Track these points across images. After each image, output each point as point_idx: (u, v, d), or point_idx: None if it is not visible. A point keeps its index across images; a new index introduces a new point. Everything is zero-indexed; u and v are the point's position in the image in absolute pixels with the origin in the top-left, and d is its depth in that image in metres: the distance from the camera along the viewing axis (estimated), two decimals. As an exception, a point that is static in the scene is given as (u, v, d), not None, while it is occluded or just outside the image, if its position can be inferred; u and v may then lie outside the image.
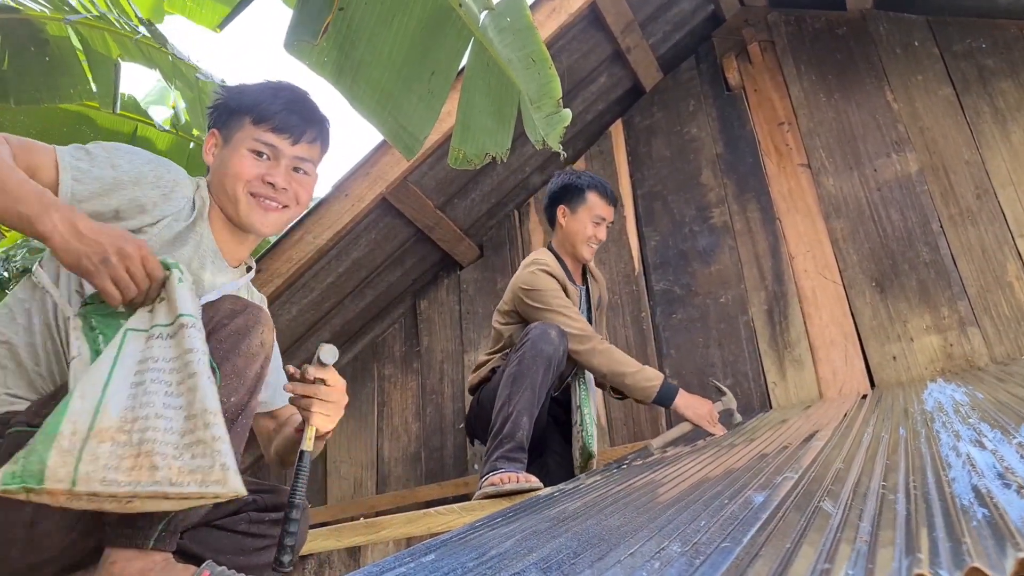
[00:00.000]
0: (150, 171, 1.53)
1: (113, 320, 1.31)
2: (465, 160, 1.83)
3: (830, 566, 0.82)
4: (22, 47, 3.07)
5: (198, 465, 1.22)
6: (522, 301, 3.01)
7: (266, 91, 1.70)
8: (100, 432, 1.20)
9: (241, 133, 1.67)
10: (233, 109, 1.69)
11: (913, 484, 1.23)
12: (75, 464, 1.17)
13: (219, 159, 1.69)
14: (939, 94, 3.62)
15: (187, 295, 1.35)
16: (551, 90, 1.79)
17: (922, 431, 1.87)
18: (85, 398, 1.22)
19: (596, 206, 3.15)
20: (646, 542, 1.16)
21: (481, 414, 3.00)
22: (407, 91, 1.71)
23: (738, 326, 3.65)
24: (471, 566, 1.24)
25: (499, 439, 2.66)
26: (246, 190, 1.64)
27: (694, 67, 4.27)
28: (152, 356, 1.29)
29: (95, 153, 1.50)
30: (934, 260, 3.38)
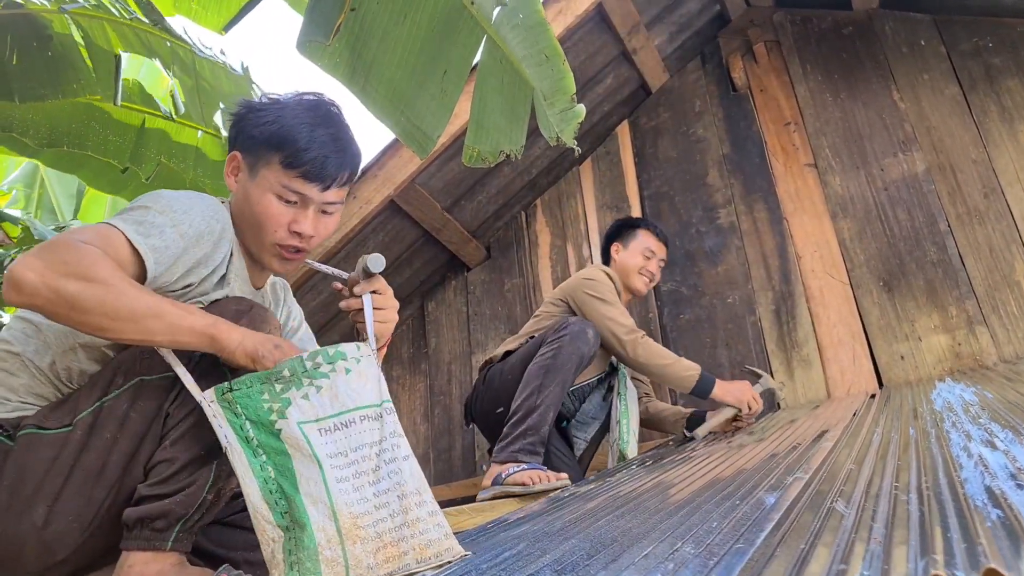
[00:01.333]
0: (204, 227, 1.48)
1: (255, 402, 1.32)
2: (479, 158, 1.84)
3: (845, 567, 0.83)
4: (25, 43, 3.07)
5: (429, 540, 1.31)
6: (581, 291, 3.05)
7: (300, 126, 1.55)
8: (348, 533, 1.25)
9: (268, 172, 1.55)
10: (261, 140, 1.56)
11: (926, 484, 1.23)
12: (345, 572, 1.22)
13: (243, 191, 1.59)
14: (946, 93, 3.62)
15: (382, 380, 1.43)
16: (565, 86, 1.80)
17: (932, 431, 1.87)
18: (317, 503, 1.26)
19: (647, 240, 3.27)
20: (659, 543, 1.17)
21: (486, 394, 3.02)
22: (420, 90, 1.71)
23: (745, 326, 3.65)
24: (484, 568, 1.25)
25: (523, 429, 2.64)
26: (272, 240, 1.57)
27: (700, 67, 4.27)
28: (356, 444, 1.32)
29: (158, 222, 1.43)
30: (942, 259, 3.38)
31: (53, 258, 1.26)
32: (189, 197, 1.52)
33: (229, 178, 1.63)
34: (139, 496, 1.38)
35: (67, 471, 1.37)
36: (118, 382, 1.41)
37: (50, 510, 1.36)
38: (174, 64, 3.41)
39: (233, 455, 1.28)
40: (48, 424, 1.39)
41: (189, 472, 1.38)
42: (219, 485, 1.41)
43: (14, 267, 1.25)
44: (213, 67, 3.54)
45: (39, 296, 1.25)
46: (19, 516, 1.35)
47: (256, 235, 1.58)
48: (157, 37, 3.33)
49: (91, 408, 1.40)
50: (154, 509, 1.36)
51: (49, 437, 1.38)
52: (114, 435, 1.39)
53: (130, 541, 1.36)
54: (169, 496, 1.37)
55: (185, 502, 1.37)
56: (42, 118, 3.47)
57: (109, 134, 3.62)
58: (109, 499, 1.39)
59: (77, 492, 1.37)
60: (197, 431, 1.38)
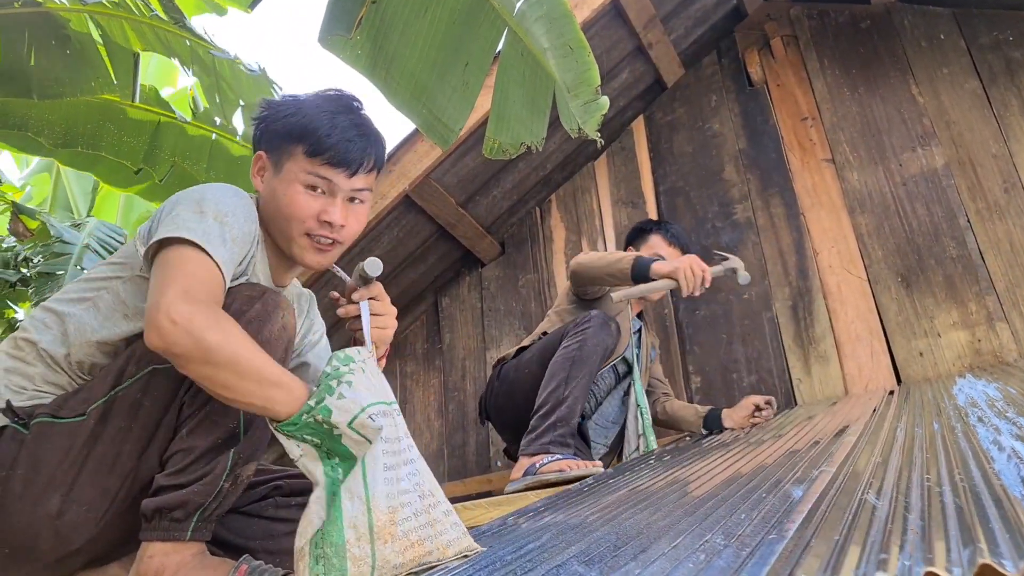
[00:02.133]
0: (247, 229, 1.48)
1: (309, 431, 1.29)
2: (500, 150, 1.83)
3: (886, 556, 0.81)
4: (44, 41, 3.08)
5: (449, 540, 1.31)
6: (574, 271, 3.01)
7: (321, 115, 1.55)
8: (381, 532, 1.24)
9: (293, 164, 1.55)
10: (283, 134, 1.56)
11: (959, 477, 1.21)
12: (371, 571, 1.21)
13: (269, 188, 1.58)
14: (965, 87, 3.58)
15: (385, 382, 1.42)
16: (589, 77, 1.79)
17: (957, 425, 1.85)
18: (354, 498, 1.24)
19: (657, 245, 3.20)
20: (687, 535, 1.16)
21: (502, 391, 2.98)
22: (441, 83, 1.71)
23: (762, 322, 3.62)
24: (508, 559, 1.24)
25: (552, 421, 2.61)
26: (301, 231, 1.56)
27: (716, 62, 4.25)
28: (385, 436, 1.31)
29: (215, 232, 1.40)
30: (961, 255, 3.34)
31: (191, 311, 1.25)
32: (229, 198, 1.49)
33: (255, 179, 1.62)
34: (157, 486, 1.37)
35: (81, 460, 1.37)
36: (131, 371, 1.41)
37: (64, 499, 1.36)
38: (194, 63, 3.42)
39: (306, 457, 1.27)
40: (62, 413, 1.39)
41: (206, 460, 1.37)
42: (236, 472, 1.41)
43: (153, 312, 1.25)
44: (232, 66, 3.55)
45: (182, 343, 1.24)
46: (33, 505, 1.35)
47: (286, 229, 1.56)
48: (176, 36, 3.34)
49: (105, 397, 1.40)
50: (172, 499, 1.35)
51: (63, 426, 1.38)
52: (128, 424, 1.39)
53: (149, 532, 1.35)
54: (187, 485, 1.36)
55: (203, 491, 1.37)
56: (57, 118, 3.48)
57: (124, 135, 3.63)
58: (124, 489, 1.39)
59: (91, 482, 1.37)
60: (213, 419, 1.38)
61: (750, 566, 0.87)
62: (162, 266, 1.34)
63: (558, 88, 1.85)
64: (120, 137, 3.63)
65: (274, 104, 1.63)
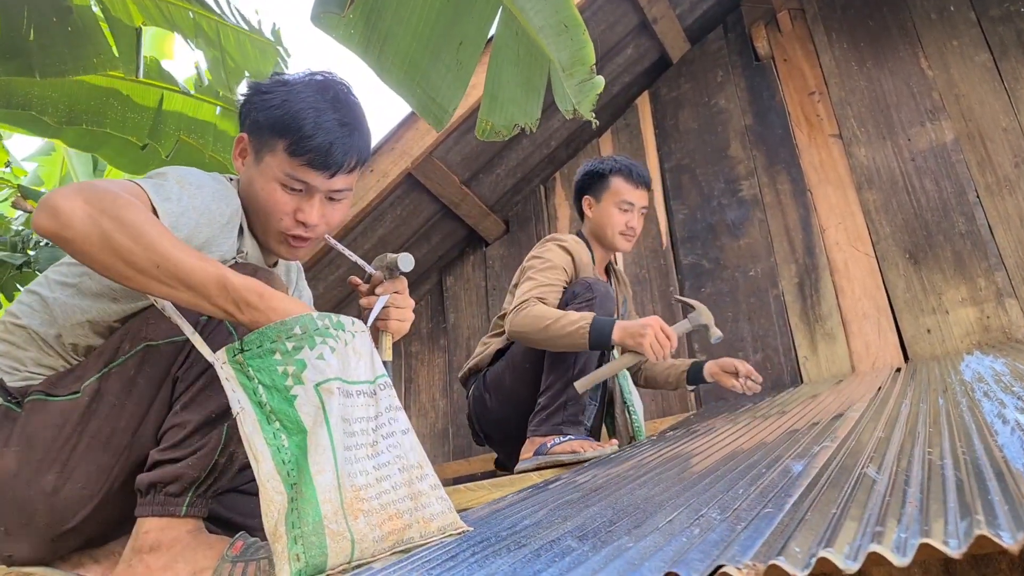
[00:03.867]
0: (215, 207, 1.44)
1: (268, 365, 1.24)
2: (493, 131, 1.80)
3: (882, 529, 0.79)
4: (45, 18, 3.05)
5: (433, 514, 1.28)
6: (525, 272, 2.74)
7: (307, 111, 1.50)
8: (350, 507, 1.20)
9: (272, 158, 1.52)
10: (267, 125, 1.52)
11: (961, 450, 1.19)
12: (351, 546, 1.18)
13: (248, 176, 1.57)
14: (976, 60, 3.52)
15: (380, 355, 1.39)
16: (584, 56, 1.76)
17: (963, 400, 1.82)
18: (324, 472, 1.21)
19: (621, 191, 2.86)
20: (683, 510, 1.14)
21: (496, 401, 2.76)
22: (435, 62, 1.68)
23: (768, 300, 3.59)
24: (504, 535, 1.22)
25: (563, 401, 2.52)
26: (277, 228, 1.55)
27: (722, 37, 4.19)
28: (353, 416, 1.27)
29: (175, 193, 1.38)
30: (970, 230, 3.30)
31: (92, 195, 1.21)
32: (200, 175, 1.48)
33: (236, 160, 1.59)
34: (152, 461, 1.37)
35: (75, 437, 1.37)
36: (125, 348, 1.41)
37: (59, 476, 1.35)
38: (198, 37, 3.38)
39: (245, 420, 1.22)
40: (56, 391, 1.38)
41: (200, 435, 1.36)
42: (231, 448, 1.39)
43: (52, 195, 1.20)
44: (239, 36, 3.50)
45: (73, 227, 1.18)
46: (28, 483, 1.35)
47: (262, 222, 1.57)
48: (179, 8, 3.30)
49: (98, 374, 1.39)
50: (166, 473, 1.35)
51: (57, 404, 1.37)
52: (121, 401, 1.38)
53: (144, 507, 1.35)
54: (180, 460, 1.35)
55: (197, 464, 1.36)
56: (61, 95, 3.45)
57: (128, 111, 3.61)
58: (119, 465, 1.39)
59: (85, 458, 1.37)
60: (207, 394, 1.37)
61: (743, 539, 0.85)
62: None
63: (553, 68, 1.82)
64: (124, 114, 3.61)
65: (261, 89, 1.58)
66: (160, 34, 5.64)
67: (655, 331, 2.38)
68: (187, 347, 1.38)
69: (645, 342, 2.37)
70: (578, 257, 2.77)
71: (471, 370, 2.91)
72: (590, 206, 2.93)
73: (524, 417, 2.63)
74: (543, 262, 2.71)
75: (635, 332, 2.39)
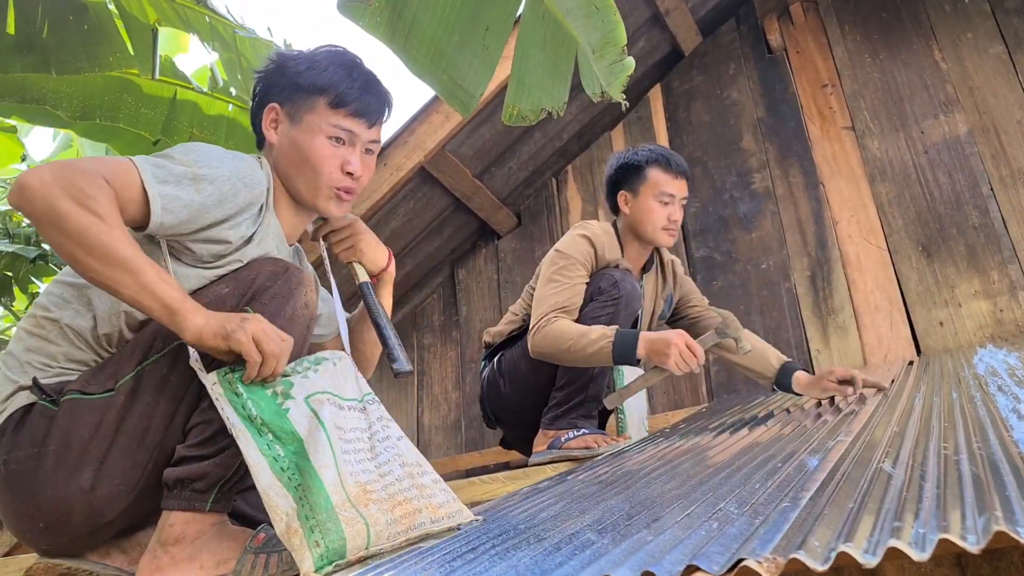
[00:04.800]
0: (230, 188, 1.46)
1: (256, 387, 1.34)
2: (520, 116, 1.81)
3: (900, 524, 0.81)
4: (61, 16, 3.07)
5: (440, 502, 1.34)
6: (547, 267, 2.64)
7: (338, 69, 1.61)
8: (357, 499, 1.26)
9: (314, 116, 1.59)
10: (301, 86, 1.60)
11: (976, 445, 1.20)
12: (366, 530, 1.22)
13: (288, 140, 1.61)
14: (990, 52, 3.51)
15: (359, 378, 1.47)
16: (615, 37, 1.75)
17: (977, 395, 1.83)
18: (327, 468, 1.27)
19: (660, 182, 2.68)
20: (701, 504, 1.15)
21: (503, 390, 2.73)
22: (461, 48, 1.69)
23: (780, 293, 3.60)
24: (522, 527, 1.24)
25: (581, 399, 2.51)
26: (329, 182, 1.60)
27: (734, 29, 4.18)
28: (347, 426, 1.35)
29: (179, 172, 1.42)
30: (984, 223, 3.30)
31: (62, 175, 1.27)
32: (222, 155, 1.50)
33: (269, 131, 1.64)
34: (179, 457, 1.39)
35: (112, 435, 1.38)
36: (158, 346, 1.42)
37: (96, 474, 1.37)
38: (214, 40, 3.40)
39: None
40: (90, 389, 1.40)
41: (226, 434, 1.38)
42: None
43: (26, 172, 1.26)
44: (254, 43, 3.53)
45: (34, 204, 1.25)
46: (66, 480, 1.37)
47: (310, 180, 1.61)
48: (195, 12, 3.32)
49: (132, 373, 1.41)
50: (193, 470, 1.37)
51: (92, 402, 1.39)
52: (155, 399, 1.40)
53: (171, 501, 1.37)
54: (209, 458, 1.38)
55: (224, 463, 1.38)
56: (75, 91, 3.47)
57: (141, 107, 3.63)
58: (152, 461, 1.41)
59: (122, 455, 1.39)
60: None
61: (762, 533, 0.87)
62: None
63: (581, 51, 1.81)
64: (138, 109, 3.63)
65: (286, 57, 1.66)
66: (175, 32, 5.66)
67: (679, 348, 2.26)
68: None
69: (670, 361, 2.26)
70: (601, 250, 2.65)
71: (487, 344, 2.88)
72: (626, 201, 2.76)
73: (537, 404, 2.62)
74: (565, 259, 2.61)
75: (659, 350, 2.28)
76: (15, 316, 6.27)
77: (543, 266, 2.68)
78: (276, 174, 1.63)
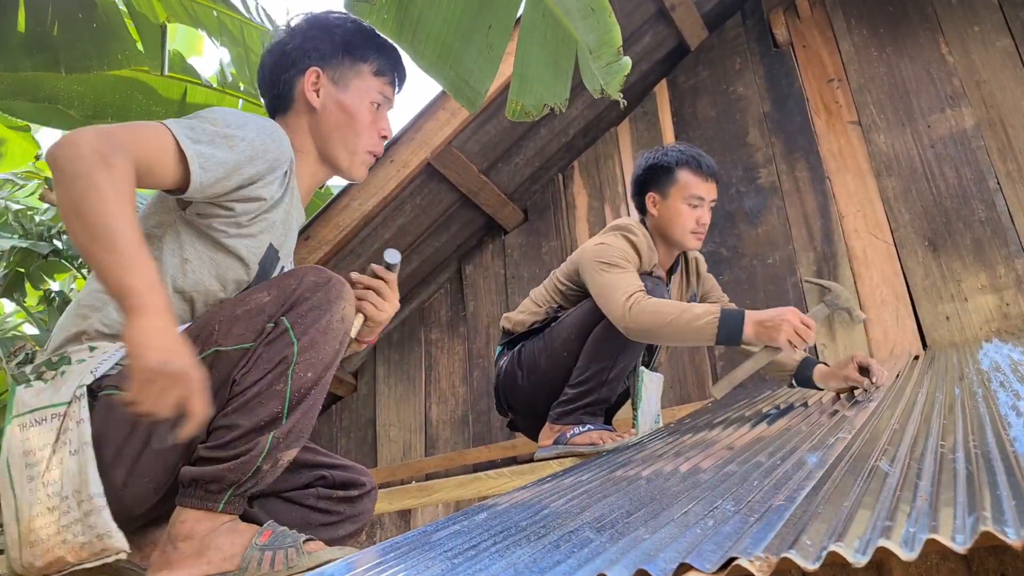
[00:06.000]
0: (260, 144, 1.49)
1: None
2: (523, 112, 1.83)
3: (891, 524, 0.82)
4: (70, 14, 3.09)
5: (83, 543, 1.34)
6: (591, 261, 2.56)
7: (370, 38, 1.71)
8: (26, 535, 1.34)
9: (360, 82, 1.69)
10: (344, 52, 1.68)
11: (973, 443, 1.21)
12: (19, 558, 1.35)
13: (333, 102, 1.67)
14: (997, 45, 3.50)
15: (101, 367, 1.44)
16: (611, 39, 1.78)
17: (979, 391, 1.83)
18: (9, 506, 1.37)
19: (690, 185, 2.67)
20: (698, 502, 1.17)
21: (519, 382, 2.70)
22: (467, 45, 1.73)
23: (786, 287, 3.60)
24: (524, 524, 1.26)
25: (591, 400, 2.51)
26: (367, 147, 1.70)
27: (740, 24, 4.17)
28: (31, 448, 1.37)
29: (210, 131, 1.44)
30: (990, 218, 3.29)
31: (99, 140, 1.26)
32: (245, 115, 1.54)
33: (310, 93, 1.67)
34: (197, 456, 1.41)
35: (147, 436, 1.40)
36: (196, 348, 1.43)
37: (129, 472, 1.39)
38: (222, 35, 3.42)
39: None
40: (127, 386, 1.41)
41: (247, 440, 1.39)
42: (275, 456, 1.42)
43: (79, 130, 1.27)
44: (263, 36, 3.55)
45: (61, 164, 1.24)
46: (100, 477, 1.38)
47: (351, 143, 1.68)
48: (203, 7, 3.34)
49: None
50: (208, 472, 1.38)
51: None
52: None
53: (184, 498, 1.39)
54: (225, 461, 1.39)
55: (239, 468, 1.39)
56: (87, 89, 3.50)
57: (152, 105, 3.65)
58: (182, 460, 1.43)
59: (155, 456, 1.40)
60: (259, 401, 1.40)
61: (755, 531, 0.88)
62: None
63: (580, 49, 1.84)
64: (149, 107, 3.65)
65: (322, 20, 1.72)
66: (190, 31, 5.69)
67: (792, 324, 2.17)
68: (251, 353, 1.42)
69: (781, 336, 2.17)
70: (643, 255, 2.62)
71: (506, 331, 2.85)
72: (655, 203, 2.72)
73: (551, 398, 2.62)
74: (617, 251, 2.55)
75: (770, 325, 2.19)
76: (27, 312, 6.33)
77: (589, 255, 2.60)
78: (311, 136, 1.69)
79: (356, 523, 1.76)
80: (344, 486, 1.75)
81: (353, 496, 1.75)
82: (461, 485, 2.53)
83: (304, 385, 1.44)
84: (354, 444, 4.39)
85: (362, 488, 1.76)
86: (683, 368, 3.66)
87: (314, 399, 1.47)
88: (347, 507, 1.74)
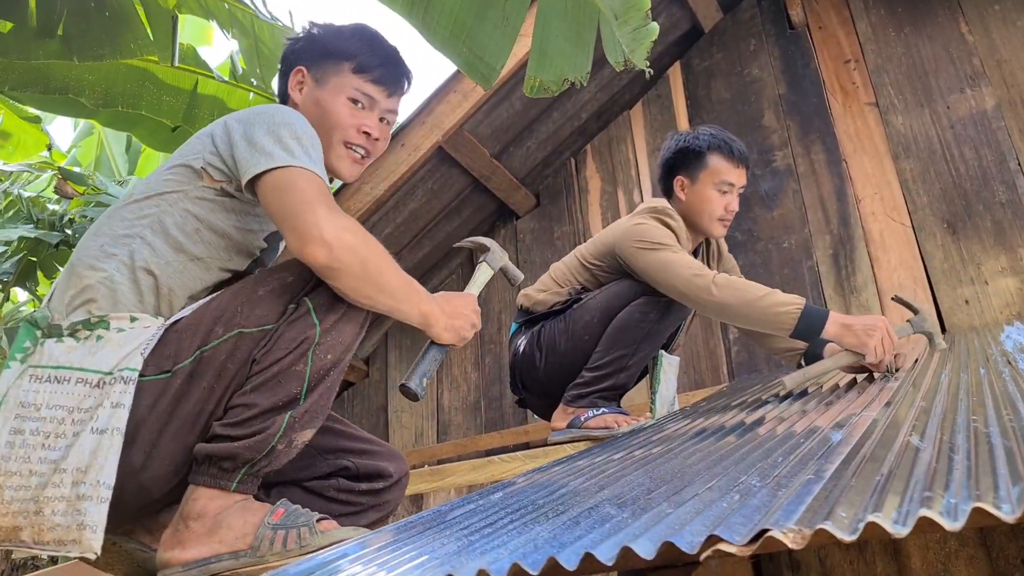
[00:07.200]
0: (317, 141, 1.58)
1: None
2: (542, 88, 1.79)
3: (930, 494, 0.78)
4: (83, 3, 3.08)
5: (56, 523, 1.28)
6: (630, 243, 2.50)
7: (363, 40, 1.72)
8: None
9: (339, 79, 1.70)
10: (329, 52, 1.71)
11: (1008, 418, 1.17)
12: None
13: (311, 99, 1.71)
14: (1019, 24, 3.43)
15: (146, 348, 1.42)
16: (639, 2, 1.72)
17: (1006, 370, 1.79)
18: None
19: (721, 170, 2.62)
20: (722, 477, 1.14)
21: (537, 364, 2.65)
22: (481, 19, 1.69)
23: (802, 271, 3.55)
24: (541, 502, 1.23)
25: (608, 384, 2.48)
26: (342, 139, 1.69)
27: (755, 5, 4.11)
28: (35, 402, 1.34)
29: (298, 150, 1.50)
30: (1011, 200, 3.23)
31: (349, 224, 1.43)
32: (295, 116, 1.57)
33: (294, 91, 1.73)
34: (212, 433, 1.40)
35: (166, 418, 1.39)
36: (218, 332, 1.43)
37: (148, 455, 1.38)
38: (233, 27, 3.40)
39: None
40: (147, 371, 1.39)
41: (263, 419, 1.40)
42: (291, 436, 1.43)
43: (327, 227, 1.39)
44: (273, 30, 3.54)
45: (344, 260, 1.40)
46: (121, 465, 1.36)
47: (326, 138, 1.67)
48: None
49: (191, 358, 1.41)
50: (224, 449, 1.38)
51: (148, 384, 1.39)
52: (211, 384, 1.41)
53: (198, 476, 1.39)
54: (240, 439, 1.39)
55: (254, 447, 1.39)
56: (98, 79, 3.50)
57: (163, 95, 3.65)
58: (200, 442, 1.42)
59: (173, 438, 1.40)
60: (277, 381, 1.41)
61: (785, 505, 0.84)
62: (279, 191, 1.43)
63: (603, 18, 1.78)
64: (159, 97, 3.65)
65: (325, 25, 1.78)
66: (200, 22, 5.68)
67: (882, 334, 2.10)
68: (272, 333, 1.43)
69: (871, 343, 2.10)
70: (681, 241, 2.57)
71: (524, 308, 2.79)
72: (683, 187, 2.67)
73: (568, 381, 2.58)
74: (661, 231, 2.50)
75: (860, 330, 2.12)
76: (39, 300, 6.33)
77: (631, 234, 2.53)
78: None
79: (380, 512, 1.74)
80: (369, 477, 1.73)
81: (377, 488, 1.73)
82: (474, 469, 2.51)
83: (324, 367, 1.44)
84: (366, 430, 4.36)
85: (388, 479, 1.75)
86: (697, 352, 3.62)
87: (332, 381, 1.48)
88: (369, 499, 1.72)
